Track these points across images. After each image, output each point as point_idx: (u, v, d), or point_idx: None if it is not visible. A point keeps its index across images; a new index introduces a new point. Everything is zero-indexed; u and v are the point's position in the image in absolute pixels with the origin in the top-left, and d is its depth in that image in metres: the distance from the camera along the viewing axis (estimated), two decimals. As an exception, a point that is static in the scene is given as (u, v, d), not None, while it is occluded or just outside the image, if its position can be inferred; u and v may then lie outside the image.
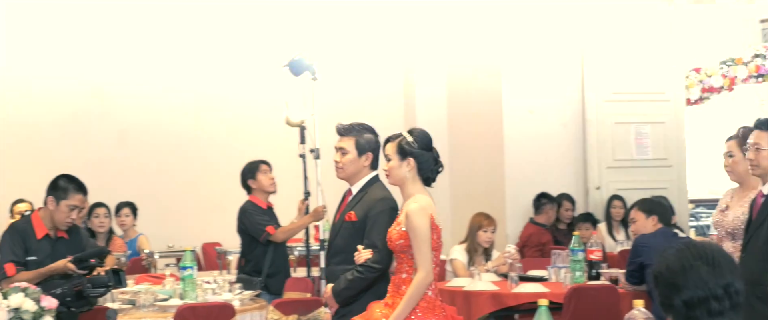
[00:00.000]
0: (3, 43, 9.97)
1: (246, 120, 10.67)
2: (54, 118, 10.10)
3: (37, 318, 3.94)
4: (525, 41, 10.01)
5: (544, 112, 10.00)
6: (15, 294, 3.94)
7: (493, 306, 6.75)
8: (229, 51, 10.74)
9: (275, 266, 7.16)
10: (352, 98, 11.04)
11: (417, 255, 4.37)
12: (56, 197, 5.58)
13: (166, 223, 9.89)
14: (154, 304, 6.05)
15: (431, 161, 4.55)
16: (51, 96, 10.13)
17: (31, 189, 9.36)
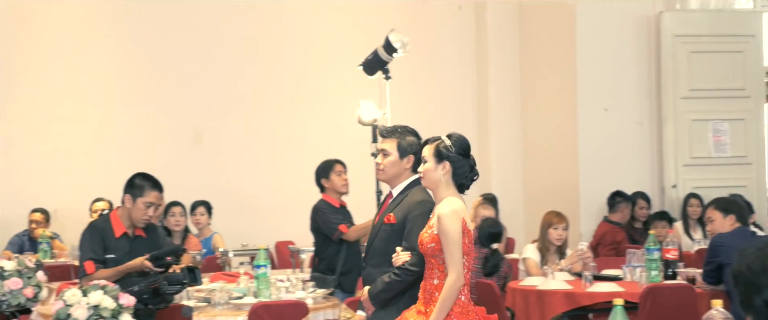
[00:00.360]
0: (84, 46, 10.16)
1: (319, 119, 10.72)
2: (131, 118, 10.27)
3: (116, 315, 4.00)
4: (599, 37, 9.90)
5: (619, 109, 9.88)
6: (94, 291, 4.01)
7: (567, 306, 6.68)
8: (303, 50, 10.81)
9: (348, 264, 7.18)
10: (425, 97, 11.04)
11: (448, 258, 4.33)
12: (133, 195, 5.66)
13: (241, 222, 9.99)
14: (229, 302, 6.10)
15: (467, 168, 4.51)
16: (128, 97, 10.30)
17: (110, 188, 9.54)
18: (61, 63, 10.05)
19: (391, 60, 7.45)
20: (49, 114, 9.98)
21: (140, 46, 10.35)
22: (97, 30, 10.22)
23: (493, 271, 7.38)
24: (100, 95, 10.19)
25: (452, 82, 11.25)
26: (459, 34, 11.24)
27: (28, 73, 9.93)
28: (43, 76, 9.97)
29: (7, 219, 9.65)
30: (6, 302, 5.71)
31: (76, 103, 10.08)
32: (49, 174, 9.94)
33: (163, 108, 10.35)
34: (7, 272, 5.67)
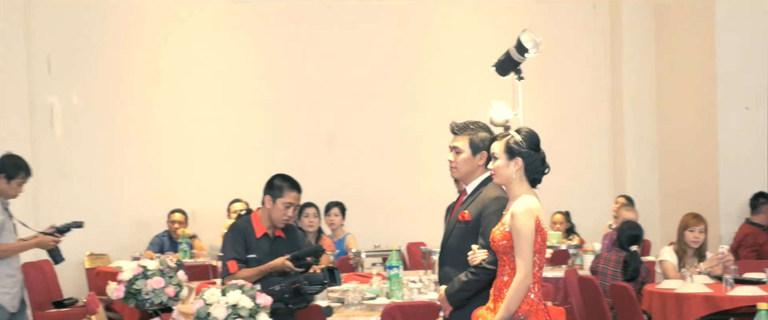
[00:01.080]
0: (221, 51, 10.40)
1: (450, 119, 10.70)
2: (266, 121, 10.46)
3: (253, 314, 4.08)
4: (740, 33, 9.62)
5: (762, 107, 9.57)
6: (233, 291, 4.10)
7: (707, 310, 6.50)
8: (435, 52, 10.83)
9: None
10: (558, 97, 10.93)
11: (518, 256, 4.27)
12: (272, 196, 5.76)
13: (373, 223, 10.06)
14: (362, 303, 6.15)
15: (538, 162, 4.44)
16: (264, 100, 10.49)
17: (246, 189, 9.76)
18: (200, 67, 10.30)
19: (523, 60, 7.38)
20: (188, 117, 10.24)
21: (276, 49, 10.53)
22: (235, 35, 10.44)
23: (634, 276, 7.25)
24: (236, 98, 10.41)
25: (585, 81, 11.11)
26: (593, 33, 11.09)
27: (168, 77, 10.22)
28: (183, 80, 10.24)
29: (147, 220, 9.95)
30: (149, 300, 5.88)
31: (213, 107, 10.32)
32: (188, 176, 10.21)
33: (297, 110, 10.50)
34: (150, 271, 5.84)
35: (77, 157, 9.90)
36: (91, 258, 9.59)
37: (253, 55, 10.48)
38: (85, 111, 9.93)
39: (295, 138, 10.50)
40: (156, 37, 10.20)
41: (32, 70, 9.66)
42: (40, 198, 9.72)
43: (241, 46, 10.46)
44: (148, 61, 10.16)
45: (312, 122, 10.56)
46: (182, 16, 10.27)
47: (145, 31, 10.17)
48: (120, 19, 10.07)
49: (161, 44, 10.21)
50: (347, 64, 10.62)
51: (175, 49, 10.24)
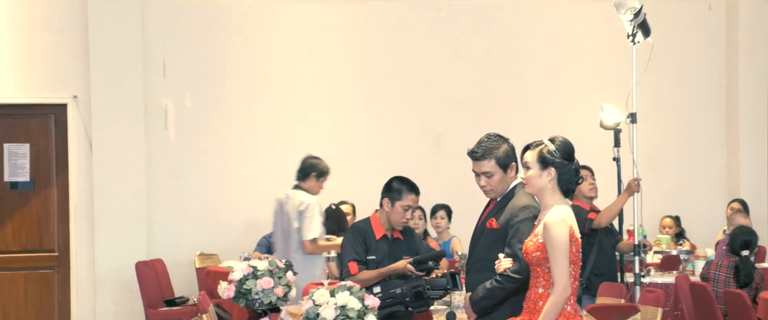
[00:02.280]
0: (328, 53, 10.49)
1: (559, 122, 10.60)
2: (372, 123, 10.50)
3: (361, 316, 4.10)
4: None
5: None
6: (341, 292, 4.13)
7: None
8: (543, 54, 10.74)
9: (599, 267, 7.09)
10: (671, 100, 10.74)
11: (554, 268, 4.16)
12: (391, 199, 5.77)
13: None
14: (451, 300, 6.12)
15: (572, 172, 4.35)
16: (370, 102, 10.54)
17: (353, 191, 9.84)
18: (309, 70, 10.41)
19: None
20: (297, 119, 10.36)
21: (383, 52, 10.57)
22: (342, 37, 10.53)
23: (747, 282, 7.07)
24: (344, 101, 10.49)
25: (700, 83, 10.89)
26: (708, 35, 10.86)
27: (278, 80, 10.35)
28: (291, 82, 10.37)
29: (256, 221, 10.08)
30: (259, 300, 5.96)
31: (321, 108, 10.42)
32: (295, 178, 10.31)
33: (404, 113, 10.53)
34: (260, 272, 5.91)
35: (189, 158, 10.11)
36: (201, 258, 9.78)
37: (361, 58, 10.55)
38: (198, 113, 10.14)
39: (402, 140, 10.53)
40: (266, 40, 10.35)
41: (148, 73, 9.91)
42: (152, 198, 9.97)
43: (349, 49, 10.53)
44: (258, 64, 10.32)
45: (419, 124, 10.57)
46: (291, 19, 10.39)
47: (255, 35, 10.33)
48: (232, 23, 10.25)
49: (271, 47, 10.35)
50: (454, 66, 10.60)
51: (285, 51, 10.37)
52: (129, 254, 9.58)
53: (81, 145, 9.84)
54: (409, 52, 10.58)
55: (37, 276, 9.91)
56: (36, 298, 9.90)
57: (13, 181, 9.84)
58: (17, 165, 9.83)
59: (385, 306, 4.93)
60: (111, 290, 9.80)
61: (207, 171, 10.20)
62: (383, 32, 10.56)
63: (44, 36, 9.80)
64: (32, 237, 9.89)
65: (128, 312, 9.77)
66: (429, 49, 10.59)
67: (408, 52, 10.58)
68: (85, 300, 9.86)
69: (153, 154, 9.98)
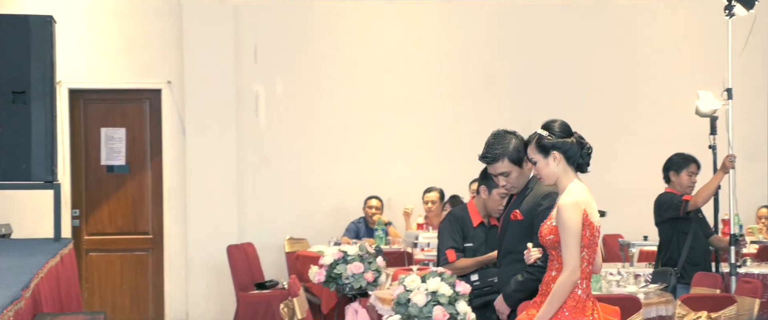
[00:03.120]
0: (417, 39, 10.49)
1: (655, 111, 10.48)
2: (462, 111, 10.46)
3: (452, 301, 4.11)
4: None
5: None
6: (432, 278, 4.14)
7: None
8: (637, 41, 10.59)
9: (694, 256, 6.98)
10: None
11: (564, 251, 4.11)
12: (488, 186, 5.74)
13: (569, 213, 9.93)
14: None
15: (576, 147, 4.29)
16: (459, 90, 10.51)
17: (441, 179, 9.84)
18: (398, 56, 10.42)
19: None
20: (386, 106, 10.38)
21: (473, 38, 10.53)
22: (431, 23, 10.51)
23: None
24: (433, 88, 10.47)
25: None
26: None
27: (368, 66, 10.38)
28: (381, 69, 10.39)
29: (344, 206, 10.16)
30: (349, 285, 6.03)
31: (410, 95, 10.42)
32: (385, 163, 10.36)
33: (493, 100, 10.47)
34: (350, 256, 5.98)
35: (279, 144, 10.22)
36: (291, 242, 9.89)
37: (450, 44, 10.52)
38: (288, 99, 10.24)
39: (491, 127, 10.42)
40: (356, 26, 10.38)
41: (240, 59, 10.05)
42: (243, 183, 10.10)
43: (438, 35, 10.51)
44: (348, 50, 10.36)
45: (508, 112, 10.48)
46: (381, 6, 10.41)
47: (345, 22, 10.37)
48: (323, 10, 10.31)
49: (360, 33, 10.38)
50: (544, 53, 10.51)
51: (374, 37, 10.40)
52: (220, 237, 9.75)
53: (175, 130, 10.02)
54: (499, 39, 10.51)
55: (132, 258, 10.14)
56: (131, 279, 10.13)
57: (109, 165, 10.07)
58: (114, 149, 10.06)
59: (482, 295, 4.91)
60: (203, 272, 9.97)
61: (296, 156, 10.30)
62: (473, 19, 10.50)
63: (140, 24, 10.00)
64: (128, 220, 10.12)
65: (219, 294, 9.93)
66: (519, 36, 10.51)
67: (498, 38, 10.51)
68: (178, 282, 10.06)
69: (244, 140, 10.11)
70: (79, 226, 10.03)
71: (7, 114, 6.88)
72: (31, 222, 9.28)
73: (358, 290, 6.25)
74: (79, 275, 8.37)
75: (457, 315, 4.10)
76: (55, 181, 7.16)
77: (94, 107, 10.07)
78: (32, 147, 6.91)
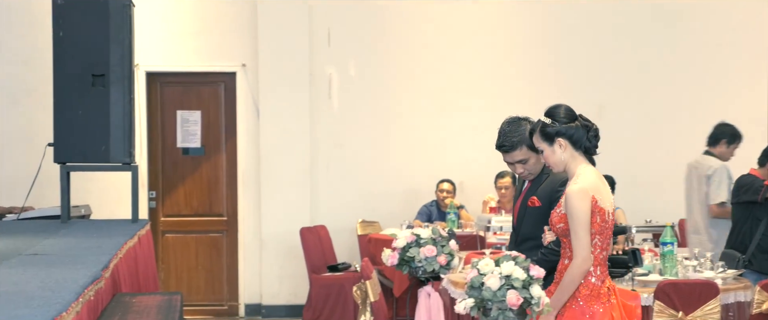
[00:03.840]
0: (484, 21, 10.44)
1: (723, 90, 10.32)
2: (532, 93, 10.39)
3: (526, 285, 4.07)
4: None
5: None
6: (506, 262, 4.12)
7: None
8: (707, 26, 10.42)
9: (764, 244, 6.86)
10: None
11: (573, 239, 4.07)
12: None
13: (644, 198, 9.84)
14: (635, 279, 6.04)
15: (581, 131, 4.20)
16: (529, 72, 10.44)
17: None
18: (469, 38, 10.39)
19: None
20: (457, 88, 10.36)
21: (544, 20, 10.46)
22: (504, 5, 10.45)
23: None
24: (505, 70, 10.42)
25: None
26: None
27: (440, 49, 10.37)
28: (453, 50, 10.37)
29: (416, 189, 10.18)
30: (421, 268, 6.02)
31: (483, 78, 10.39)
32: (457, 147, 10.34)
33: (564, 82, 10.39)
34: (423, 240, 5.97)
35: (352, 127, 10.26)
36: (363, 225, 9.94)
37: (523, 27, 10.46)
38: (361, 82, 10.27)
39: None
40: (429, 8, 10.37)
41: (313, 42, 10.11)
42: (316, 165, 10.18)
43: (511, 17, 10.46)
44: (421, 33, 10.36)
45: (581, 94, 10.40)
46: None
47: (418, 4, 10.36)
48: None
49: (434, 16, 10.37)
50: (616, 35, 10.39)
51: (447, 20, 10.38)
52: (293, 220, 9.84)
53: (249, 113, 10.13)
54: (572, 20, 10.42)
55: (207, 240, 10.28)
56: (206, 260, 10.28)
57: (185, 147, 10.22)
58: (189, 131, 10.20)
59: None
60: (276, 254, 10.08)
61: (369, 139, 10.33)
62: (545, 3, 10.42)
63: (216, 7, 10.11)
64: (203, 202, 10.27)
65: (292, 276, 10.03)
66: (591, 17, 10.40)
67: (570, 20, 10.43)
68: (252, 263, 10.18)
69: (317, 122, 10.18)
70: (155, 208, 10.20)
71: (86, 97, 7.01)
72: (109, 203, 9.47)
73: (431, 273, 6.25)
74: (155, 256, 8.51)
75: (532, 299, 4.06)
76: (133, 163, 7.28)
77: (171, 90, 10.21)
78: (111, 129, 7.03)
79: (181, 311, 4.95)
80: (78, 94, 7.01)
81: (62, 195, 7.16)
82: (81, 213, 8.09)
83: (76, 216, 7.72)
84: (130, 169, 7.27)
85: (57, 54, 7.09)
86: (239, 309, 10.25)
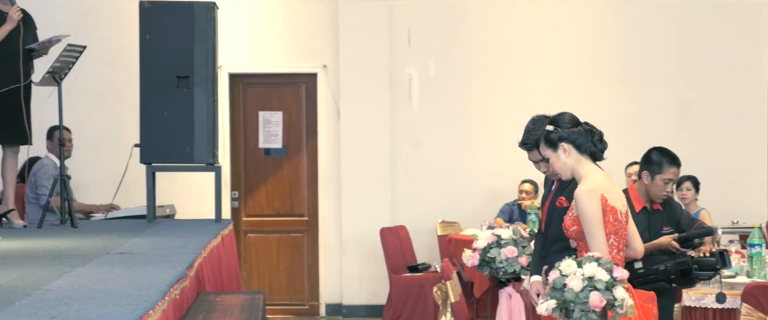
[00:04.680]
0: (565, 22, 10.35)
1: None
2: (614, 93, 10.26)
3: (609, 287, 4.03)
4: None
5: None
6: (589, 263, 4.07)
7: None
8: None
9: None
10: None
11: (589, 241, 4.06)
12: (651, 171, 5.61)
13: (729, 198, 9.66)
14: (721, 281, 5.93)
15: (584, 134, 4.20)
16: (611, 71, 10.31)
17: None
18: (549, 37, 10.29)
19: None
20: (537, 87, 10.27)
21: (627, 19, 10.32)
22: (586, 4, 10.35)
23: None
24: (586, 69, 10.31)
25: None
26: None
27: (520, 49, 10.29)
28: (532, 50, 10.29)
29: (497, 190, 10.12)
30: (502, 269, 6.01)
31: (563, 77, 10.28)
32: (538, 147, 10.24)
33: (647, 81, 10.25)
34: (504, 240, 5.96)
35: (432, 127, 10.26)
36: (443, 226, 9.93)
37: (605, 25, 10.33)
38: (441, 82, 10.26)
39: (646, 110, 10.25)
40: (508, 8, 10.31)
41: (393, 43, 10.13)
42: (396, 166, 10.19)
43: (592, 16, 10.33)
44: (502, 35, 10.30)
45: (663, 94, 10.27)
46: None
47: (500, 5, 10.31)
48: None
49: (513, 15, 10.30)
50: (703, 34, 10.21)
51: (527, 20, 10.30)
52: (374, 220, 9.87)
53: (329, 113, 10.19)
54: (656, 19, 10.27)
55: (288, 240, 10.37)
56: (287, 260, 10.37)
57: (266, 148, 10.32)
58: (271, 132, 10.30)
59: (647, 282, 4.81)
60: (357, 254, 10.12)
61: (449, 139, 10.31)
62: (628, 3, 10.29)
63: (297, 8, 10.19)
64: (284, 202, 10.36)
65: (373, 276, 10.06)
66: (675, 17, 10.24)
67: (654, 19, 10.27)
68: (333, 263, 10.24)
69: (397, 123, 10.19)
70: (238, 208, 10.32)
71: (171, 98, 7.14)
72: (193, 203, 9.61)
73: (512, 274, 6.23)
74: (238, 255, 8.62)
75: (615, 301, 4.02)
76: (216, 164, 7.39)
77: (253, 91, 10.33)
78: (195, 130, 7.15)
79: (263, 310, 5.01)
80: (163, 95, 7.15)
81: (148, 196, 7.30)
82: (166, 213, 8.23)
83: (161, 215, 7.86)
84: (214, 170, 7.38)
85: (143, 56, 7.23)
86: (320, 308, 10.33)
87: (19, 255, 5.27)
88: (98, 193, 8.91)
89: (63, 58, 7.11)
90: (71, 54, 7.19)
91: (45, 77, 7.14)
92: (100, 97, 10.03)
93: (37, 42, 7.05)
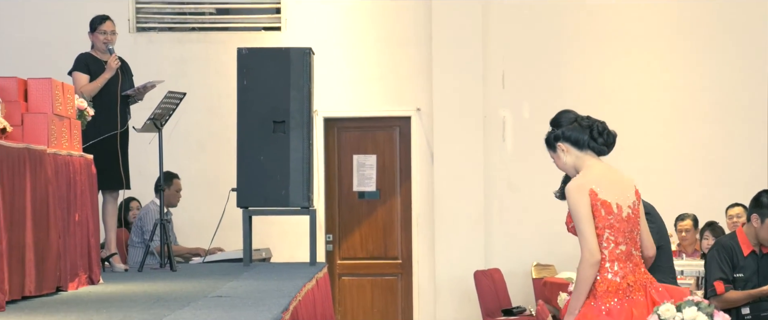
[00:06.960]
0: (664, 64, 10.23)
1: None
2: (718, 131, 10.08)
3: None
4: None
5: None
6: (689, 307, 4.01)
7: None
8: None
9: None
10: None
11: (579, 236, 4.00)
12: (761, 215, 5.48)
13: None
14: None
15: (580, 129, 4.15)
16: (727, 114, 10.14)
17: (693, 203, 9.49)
18: (642, 81, 10.17)
19: None
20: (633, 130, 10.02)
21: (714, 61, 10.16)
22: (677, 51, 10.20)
23: None
24: (683, 110, 10.16)
25: None
26: None
27: (612, 91, 10.18)
28: (626, 93, 10.16)
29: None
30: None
31: (659, 120, 10.15)
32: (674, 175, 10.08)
33: (749, 122, 10.05)
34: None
35: (526, 169, 10.19)
36: (538, 269, 9.83)
37: (699, 69, 10.17)
38: (535, 124, 10.18)
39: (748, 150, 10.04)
40: (605, 52, 10.22)
41: (487, 85, 10.12)
42: (490, 208, 10.15)
43: (686, 60, 10.18)
44: (597, 75, 10.21)
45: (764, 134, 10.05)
46: (632, 26, 10.20)
47: (594, 45, 10.23)
48: (571, 34, 10.23)
49: (610, 60, 10.21)
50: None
51: (623, 65, 10.21)
52: (467, 263, 9.82)
53: (423, 156, 10.21)
54: (749, 58, 10.08)
55: (382, 282, 10.38)
56: (381, 303, 10.37)
57: (361, 191, 10.38)
58: (365, 175, 10.36)
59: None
60: (451, 297, 10.07)
61: (543, 181, 10.17)
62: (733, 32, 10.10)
63: (390, 53, 10.26)
64: (378, 245, 10.39)
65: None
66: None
67: (748, 58, 10.08)
68: (427, 307, 10.20)
69: (491, 165, 10.16)
70: (332, 251, 10.38)
71: (268, 142, 7.24)
72: (288, 246, 9.69)
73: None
74: (332, 298, 8.65)
75: (716, 346, 3.94)
76: (311, 207, 7.45)
77: (347, 135, 10.42)
78: (290, 174, 7.23)
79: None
80: (260, 140, 7.26)
81: (244, 239, 7.39)
82: (262, 256, 8.32)
83: (257, 259, 7.94)
84: (309, 213, 7.45)
85: (241, 102, 7.36)
86: (415, 350, 10.29)
87: (121, 299, 5.39)
88: (197, 236, 9.07)
89: (164, 105, 7.29)
90: (171, 101, 7.36)
91: (146, 124, 7.32)
92: (199, 142, 10.22)
93: (133, 88, 7.23)
